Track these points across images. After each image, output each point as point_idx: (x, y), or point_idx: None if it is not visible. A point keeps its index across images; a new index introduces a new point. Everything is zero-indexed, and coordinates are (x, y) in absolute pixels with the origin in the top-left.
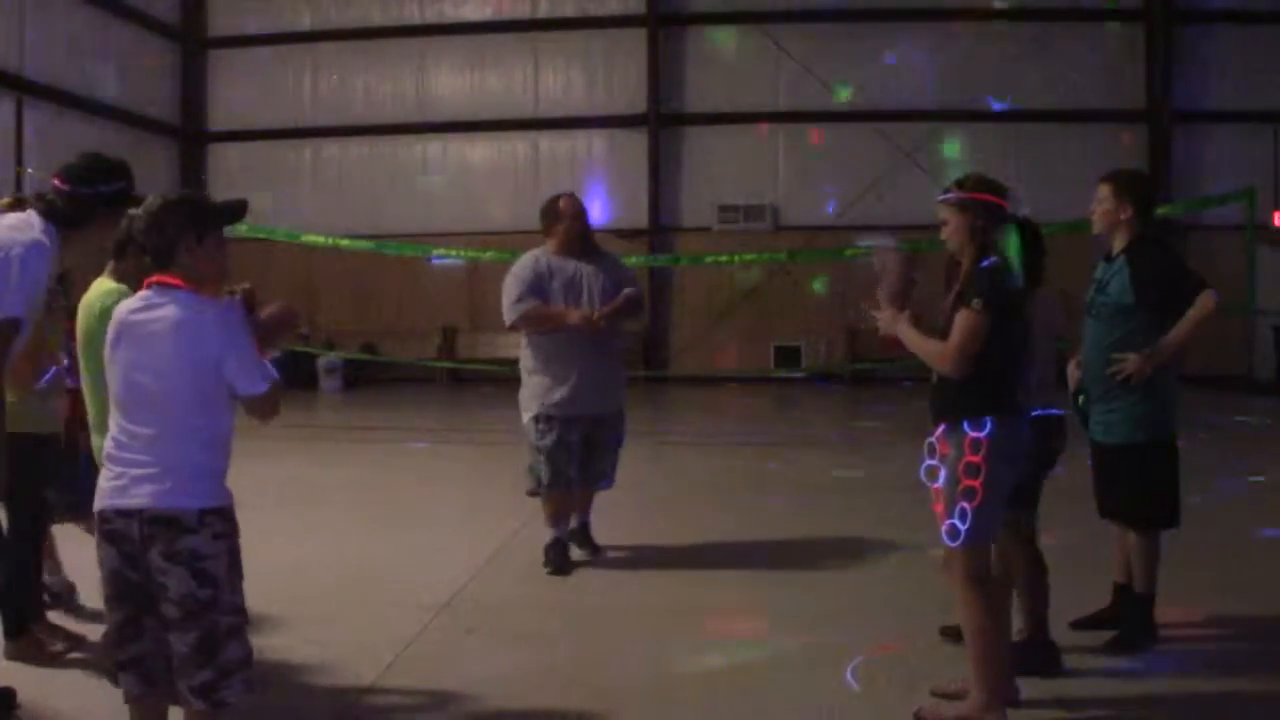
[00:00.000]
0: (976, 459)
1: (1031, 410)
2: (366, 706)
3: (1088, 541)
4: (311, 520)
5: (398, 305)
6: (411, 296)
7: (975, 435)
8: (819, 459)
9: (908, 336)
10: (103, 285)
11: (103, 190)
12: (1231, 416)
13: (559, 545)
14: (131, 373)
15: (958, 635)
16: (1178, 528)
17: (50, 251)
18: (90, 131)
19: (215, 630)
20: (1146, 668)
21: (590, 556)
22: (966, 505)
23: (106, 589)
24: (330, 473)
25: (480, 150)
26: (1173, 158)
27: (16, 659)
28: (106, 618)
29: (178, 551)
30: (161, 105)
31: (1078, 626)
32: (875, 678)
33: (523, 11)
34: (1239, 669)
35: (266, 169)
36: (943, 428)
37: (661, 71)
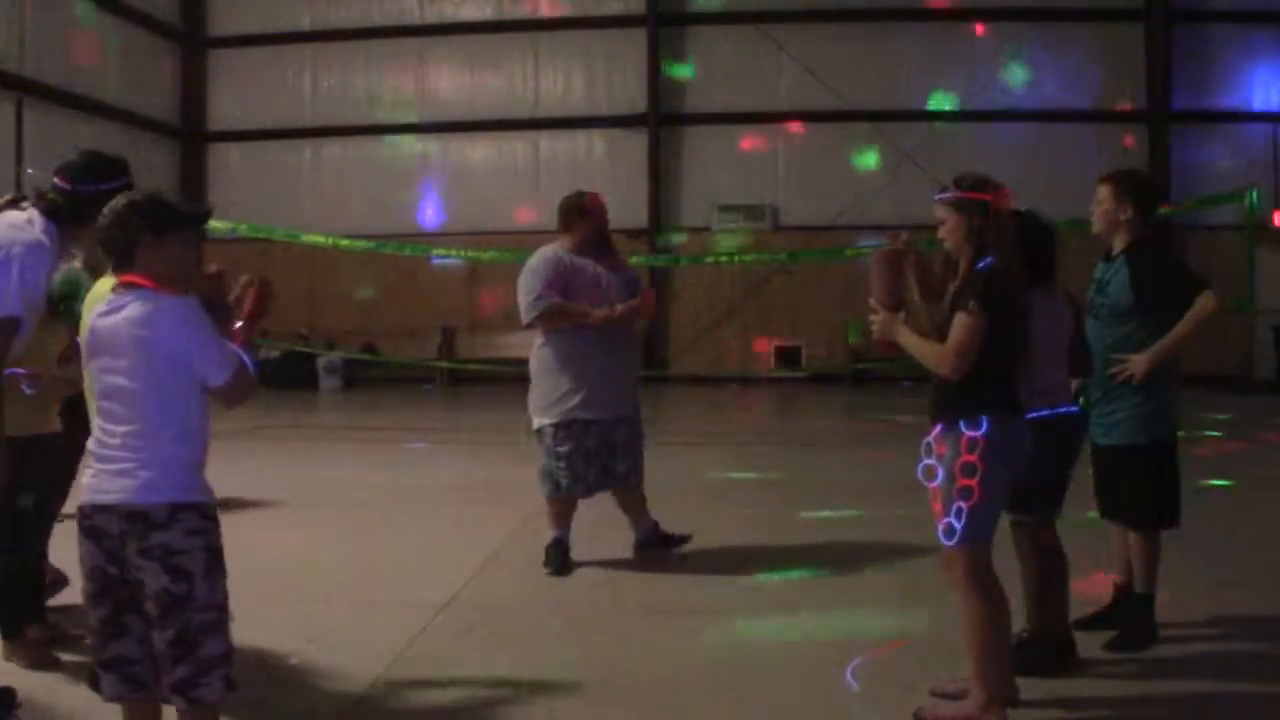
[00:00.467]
0: (973, 458)
1: (1035, 410)
2: (366, 706)
3: (1087, 541)
4: (311, 520)
5: (398, 305)
6: (411, 296)
7: (971, 435)
8: (818, 459)
9: (904, 340)
10: (105, 285)
11: (104, 187)
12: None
13: (560, 546)
14: (103, 372)
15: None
16: (1178, 528)
17: (50, 251)
18: (90, 131)
19: (189, 626)
20: (1146, 668)
21: (681, 549)
22: (963, 504)
23: (87, 586)
24: (330, 473)
25: (480, 150)
26: (1173, 158)
27: (15, 659)
28: (89, 616)
29: (151, 547)
30: (161, 105)
31: (1078, 626)
32: (875, 678)
33: (523, 11)
34: (1239, 669)
35: (266, 169)
36: (939, 427)
37: (661, 71)
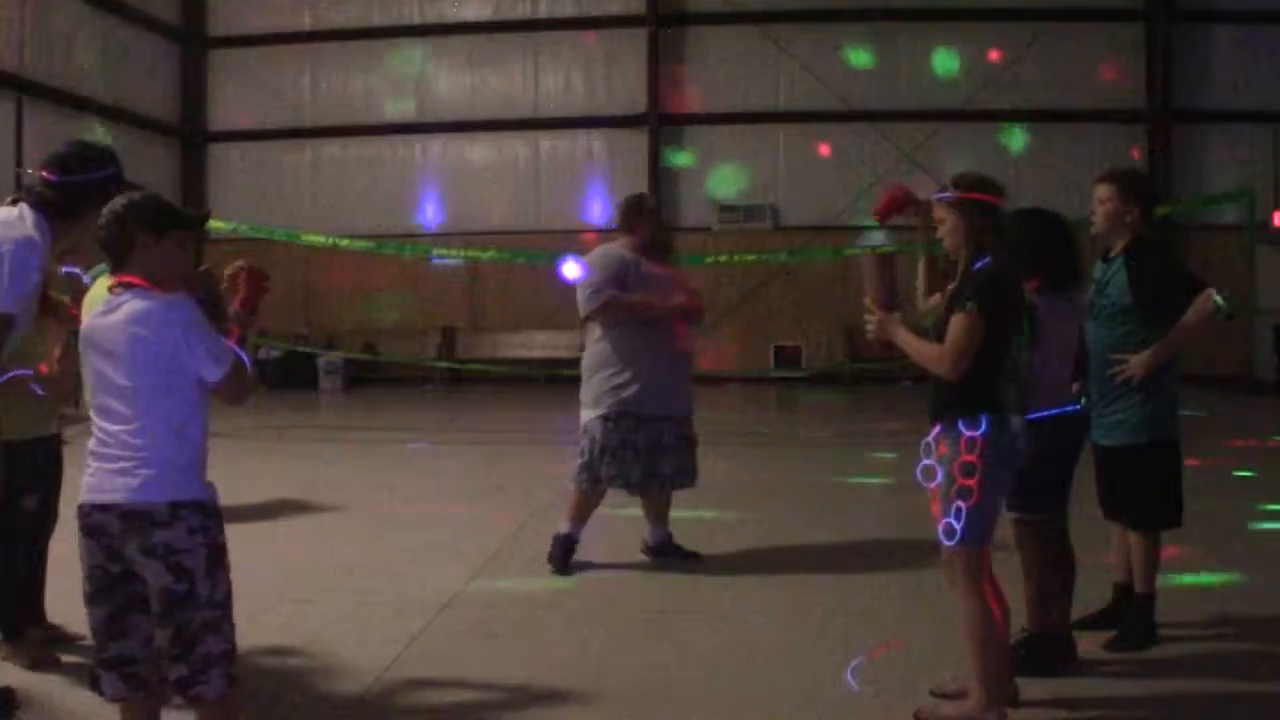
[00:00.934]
0: (972, 458)
1: (1043, 410)
2: (367, 706)
3: (1087, 541)
4: (311, 520)
5: (398, 305)
6: (411, 296)
7: (970, 435)
8: (818, 459)
9: (902, 339)
10: (104, 284)
11: (93, 177)
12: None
13: (568, 542)
14: (100, 372)
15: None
16: (1180, 528)
17: (42, 247)
18: (90, 131)
19: (190, 624)
20: (1146, 668)
21: (695, 564)
22: (962, 504)
23: (88, 585)
24: (330, 473)
25: (480, 150)
26: (1173, 158)
27: (15, 659)
28: (88, 616)
29: (152, 546)
30: (161, 105)
31: (1078, 626)
32: (875, 678)
33: (523, 11)
34: (1239, 669)
35: (266, 169)
36: (939, 428)
37: (661, 71)
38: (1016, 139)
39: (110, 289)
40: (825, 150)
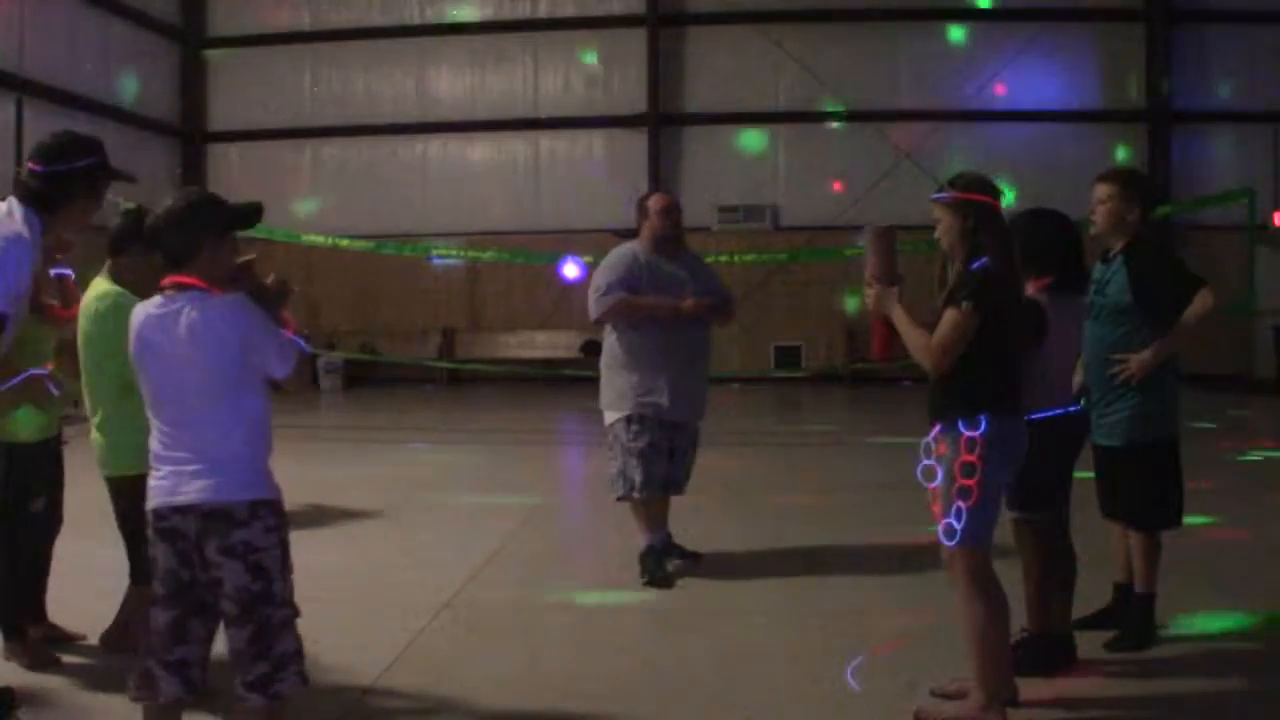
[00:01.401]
0: (972, 458)
1: (1046, 410)
2: (366, 706)
3: (1087, 541)
4: (311, 520)
5: (398, 305)
6: (411, 296)
7: (970, 435)
8: (818, 459)
9: (898, 316)
10: (99, 287)
11: (78, 166)
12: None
13: (654, 554)
14: (164, 374)
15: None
16: (1180, 527)
17: (32, 242)
18: (90, 131)
19: (269, 623)
20: (1146, 668)
21: (691, 566)
22: (962, 505)
23: (159, 589)
24: (330, 473)
25: (480, 150)
26: (1173, 158)
27: (15, 659)
28: (152, 618)
29: (232, 545)
30: (161, 105)
31: (1078, 626)
32: (875, 678)
33: (523, 11)
34: (1239, 669)
35: (266, 169)
36: (939, 428)
37: (661, 71)
38: (1016, 139)
39: (162, 291)
40: (825, 150)
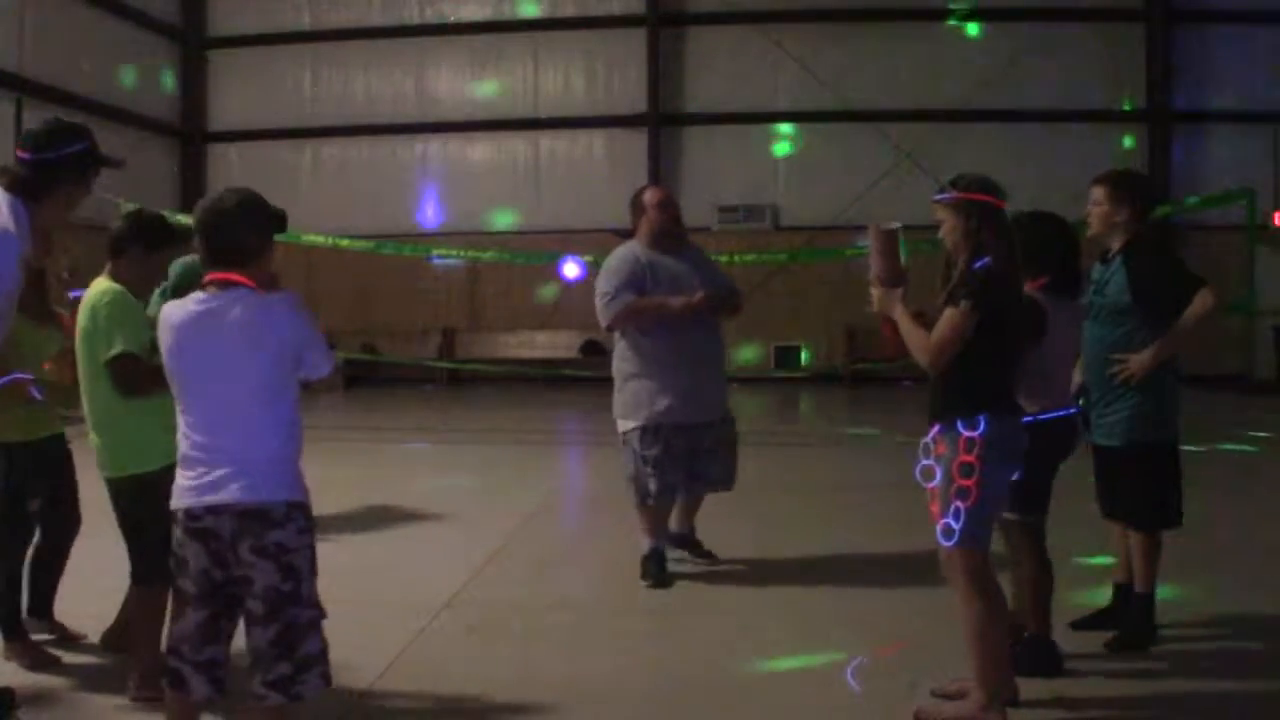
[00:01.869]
0: (971, 458)
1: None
2: (366, 706)
3: (1087, 541)
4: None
5: (398, 305)
6: (411, 296)
7: (969, 435)
8: (818, 459)
9: (899, 316)
10: (100, 285)
11: (65, 153)
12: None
13: (657, 556)
14: (204, 373)
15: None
16: (1179, 527)
17: (20, 236)
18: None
19: (296, 624)
20: (1146, 668)
21: (709, 565)
22: (961, 505)
23: (191, 589)
24: (330, 473)
25: (480, 150)
26: (1173, 158)
27: (15, 659)
28: (183, 619)
29: (266, 545)
30: (161, 105)
31: (1078, 626)
32: (875, 678)
33: (523, 11)
34: (1239, 669)
35: (266, 169)
36: (938, 428)
37: (661, 71)
38: (1016, 139)
39: (205, 288)
40: (825, 150)
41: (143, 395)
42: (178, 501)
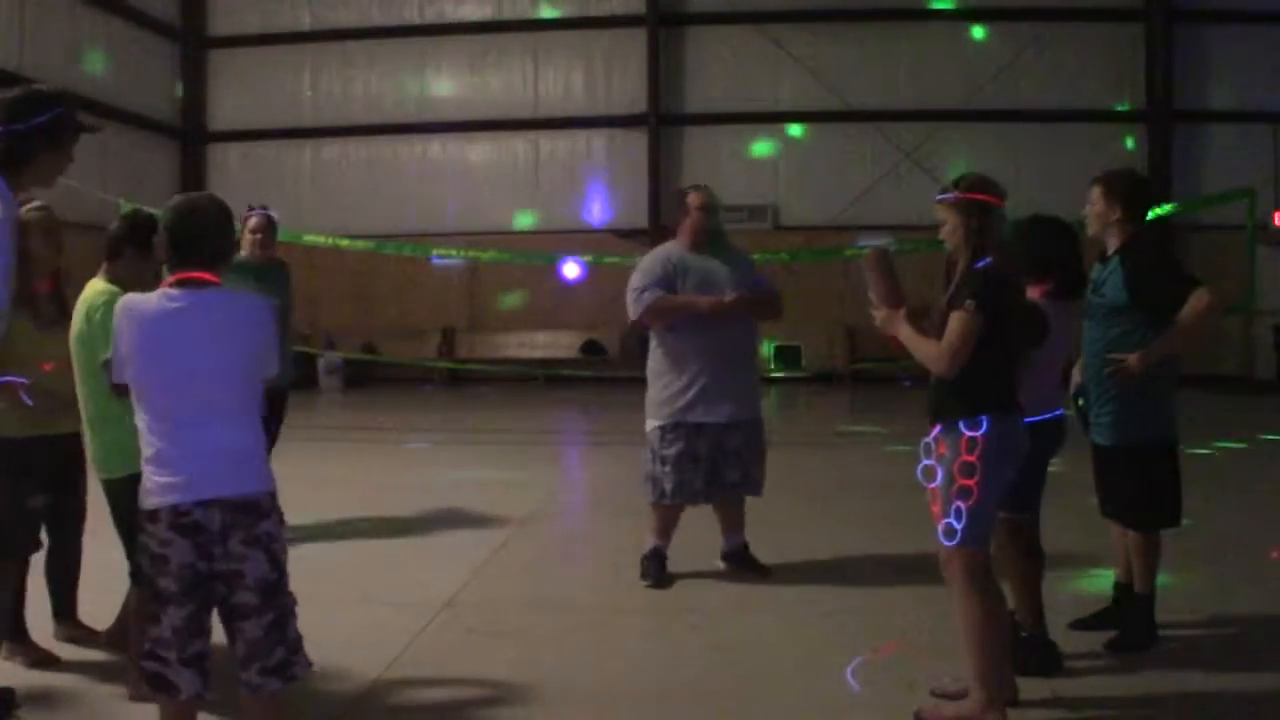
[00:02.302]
0: (972, 458)
1: (1041, 414)
2: (366, 706)
3: (1087, 541)
4: (311, 520)
5: (398, 305)
6: (411, 296)
7: (971, 435)
8: (818, 459)
9: (905, 335)
10: (96, 286)
11: (36, 122)
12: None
13: (658, 557)
14: (183, 370)
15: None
16: (1179, 527)
17: (8, 221)
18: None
19: (285, 610)
20: (1146, 668)
21: (762, 577)
22: (962, 505)
23: (174, 585)
24: (330, 472)
25: (480, 150)
26: (1173, 158)
27: (15, 659)
28: (164, 617)
29: (257, 536)
30: (161, 105)
31: (1078, 626)
32: (875, 678)
33: (523, 11)
34: (1239, 669)
35: (266, 169)
36: (939, 428)
37: (661, 71)
38: (1016, 139)
39: (174, 286)
40: (825, 150)
41: None
42: (161, 499)
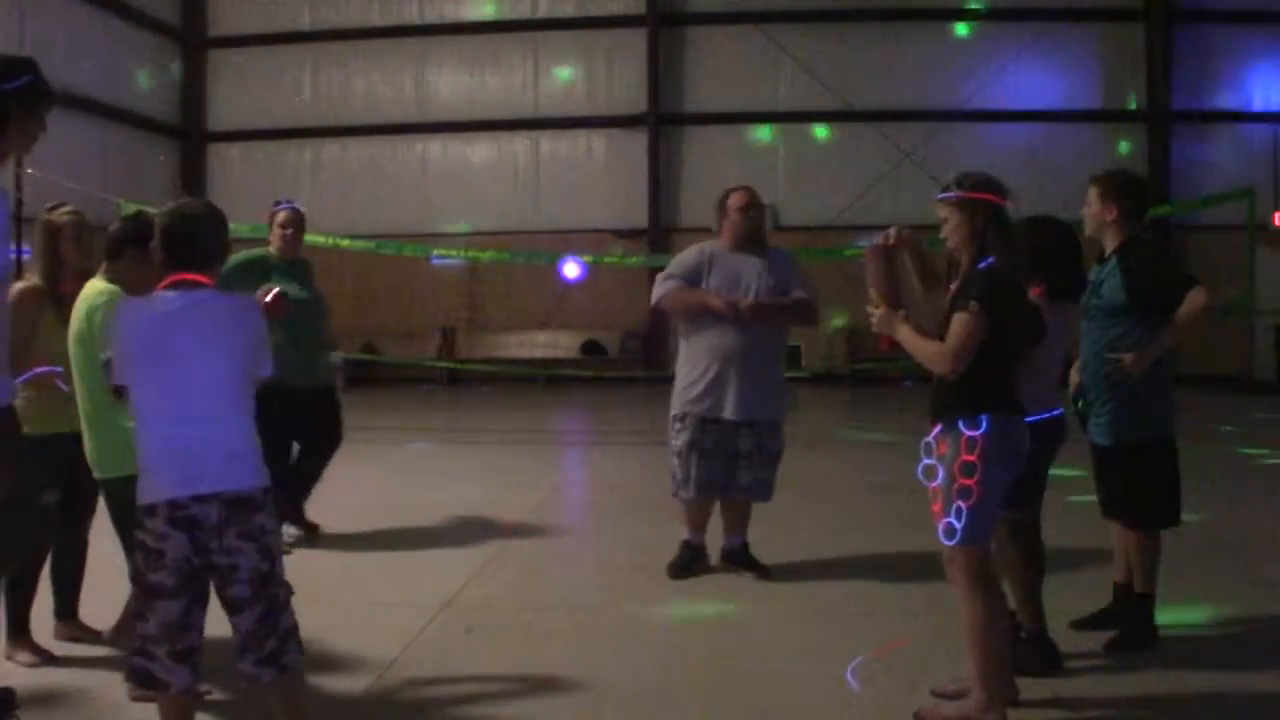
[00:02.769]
0: (972, 458)
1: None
2: (367, 706)
3: (1087, 541)
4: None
5: (398, 305)
6: (411, 296)
7: (971, 434)
8: (818, 459)
9: (904, 336)
10: (96, 286)
11: (6, 88)
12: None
13: (688, 549)
14: (181, 369)
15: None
16: (1178, 527)
17: (3, 199)
18: (91, 131)
19: (276, 601)
20: (1146, 668)
21: (759, 578)
22: (962, 504)
23: (168, 580)
24: (330, 472)
25: (480, 150)
26: (1173, 158)
27: (15, 659)
28: (158, 612)
29: (252, 530)
30: (161, 105)
31: (1078, 626)
32: (875, 678)
33: (523, 11)
34: (1239, 669)
35: (266, 169)
36: (939, 427)
37: (661, 71)
38: (1016, 139)
39: (167, 287)
40: (825, 150)
41: None
42: (158, 494)
